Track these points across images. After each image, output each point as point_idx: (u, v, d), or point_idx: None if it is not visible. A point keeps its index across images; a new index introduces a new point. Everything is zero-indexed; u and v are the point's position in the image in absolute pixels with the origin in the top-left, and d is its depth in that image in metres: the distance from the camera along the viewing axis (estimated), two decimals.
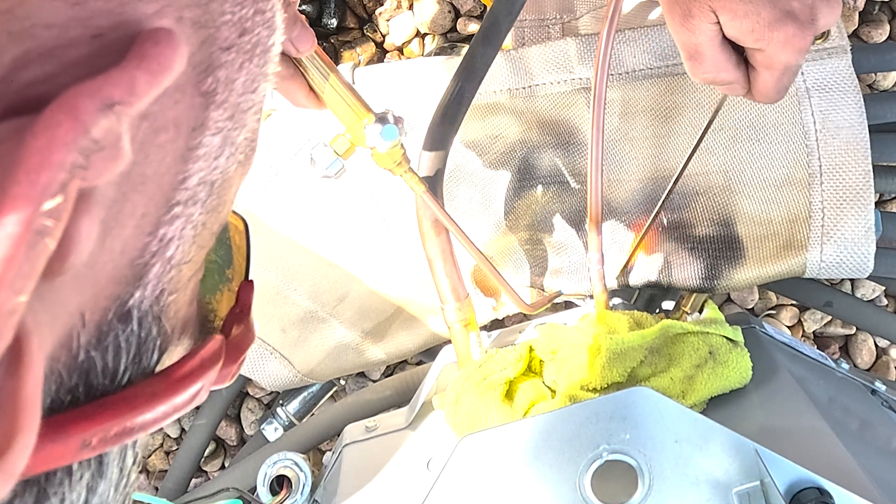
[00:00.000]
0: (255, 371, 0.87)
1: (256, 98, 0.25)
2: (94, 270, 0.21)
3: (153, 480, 1.12)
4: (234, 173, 0.26)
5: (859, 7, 0.99)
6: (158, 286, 0.24)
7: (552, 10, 0.87)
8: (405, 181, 0.63)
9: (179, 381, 0.24)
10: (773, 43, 0.54)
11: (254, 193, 0.82)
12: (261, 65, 0.25)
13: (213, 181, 0.24)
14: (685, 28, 0.55)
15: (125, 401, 0.22)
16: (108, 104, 0.18)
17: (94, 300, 0.22)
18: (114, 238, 0.21)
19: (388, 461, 0.66)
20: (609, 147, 0.78)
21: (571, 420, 0.52)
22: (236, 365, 0.28)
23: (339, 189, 0.82)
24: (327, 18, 1.05)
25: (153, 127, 0.21)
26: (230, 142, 0.24)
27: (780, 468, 0.49)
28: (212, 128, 0.23)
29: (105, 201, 0.20)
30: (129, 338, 0.23)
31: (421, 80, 0.80)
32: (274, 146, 0.81)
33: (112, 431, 0.21)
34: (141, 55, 0.19)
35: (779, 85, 0.57)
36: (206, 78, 0.23)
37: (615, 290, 0.81)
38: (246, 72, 0.24)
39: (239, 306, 0.31)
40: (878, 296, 1.04)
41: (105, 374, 0.22)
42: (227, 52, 0.23)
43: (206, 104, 0.23)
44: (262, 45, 0.25)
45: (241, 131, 0.25)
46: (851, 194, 0.74)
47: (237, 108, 0.24)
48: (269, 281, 0.84)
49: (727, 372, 0.63)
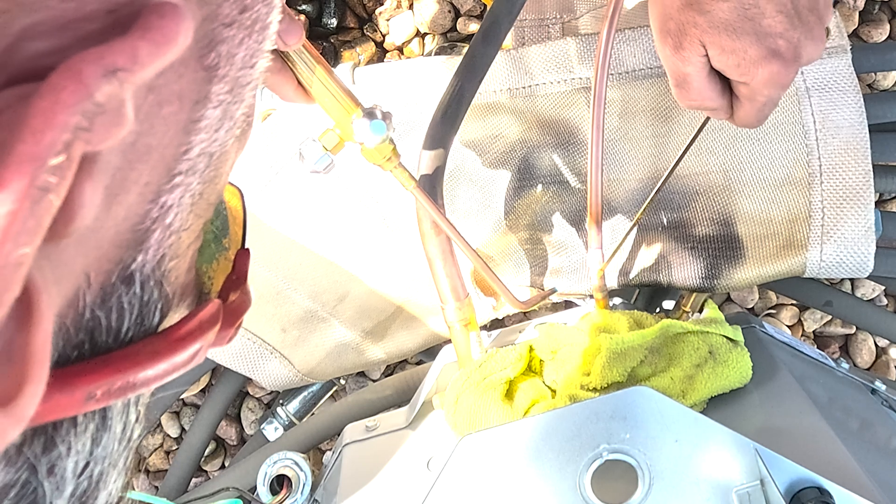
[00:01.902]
0: (255, 371, 0.87)
1: (254, 73, 0.26)
2: (99, 234, 0.22)
3: (153, 480, 1.12)
4: (232, 147, 0.27)
5: (859, 7, 0.99)
6: (159, 251, 0.25)
7: (552, 9, 0.87)
8: (395, 177, 0.63)
9: (179, 341, 0.25)
10: (758, 79, 0.56)
11: (254, 193, 0.82)
12: (259, 41, 0.26)
13: (213, 153, 0.26)
14: (675, 58, 0.57)
15: (128, 357, 0.24)
16: (112, 70, 0.19)
17: (98, 262, 0.23)
18: (118, 204, 0.22)
19: (388, 461, 0.66)
20: (609, 147, 0.78)
21: (571, 420, 0.52)
22: (233, 329, 0.30)
23: (339, 189, 0.82)
24: (327, 18, 1.05)
25: (158, 99, 0.22)
26: (229, 115, 0.26)
27: (780, 468, 0.49)
28: (213, 101, 0.25)
29: (109, 168, 0.21)
30: (132, 300, 0.24)
31: (421, 80, 0.80)
32: (274, 146, 0.81)
33: (115, 385, 0.23)
34: (146, 27, 0.20)
35: (759, 115, 0.60)
36: (209, 52, 0.24)
37: (615, 290, 0.81)
38: (245, 47, 0.25)
39: (235, 273, 0.33)
40: (878, 295, 1.04)
41: (109, 332, 0.24)
42: (228, 27, 0.25)
43: (209, 78, 0.24)
44: (262, 22, 0.26)
45: (239, 105, 0.26)
46: (851, 194, 0.74)
47: (237, 82, 0.25)
48: (269, 281, 0.84)
49: (727, 371, 0.63)
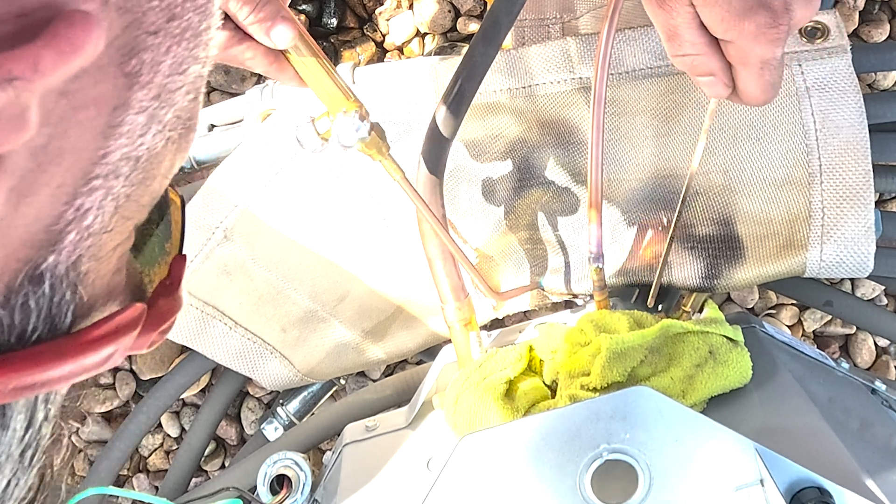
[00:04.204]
0: (255, 371, 0.87)
1: (186, 79, 0.27)
2: (5, 233, 0.23)
3: (153, 480, 1.12)
4: (165, 149, 0.27)
5: (859, 7, 0.99)
6: (75, 252, 0.25)
7: (552, 9, 0.87)
8: (384, 167, 0.64)
9: (89, 343, 0.26)
10: (744, 34, 0.52)
11: (254, 193, 0.82)
12: (190, 48, 0.26)
13: (139, 156, 0.26)
14: (662, 10, 0.54)
15: (29, 357, 0.24)
16: (8, 79, 0.19)
17: (3, 261, 0.23)
18: (27, 205, 0.23)
19: (388, 461, 0.66)
20: (609, 146, 0.78)
21: (571, 420, 0.52)
22: (156, 333, 0.30)
23: (339, 189, 0.82)
24: (327, 18, 1.05)
25: (72, 104, 0.23)
26: (157, 120, 0.26)
27: (780, 468, 0.49)
28: (135, 107, 0.25)
29: (16, 170, 0.21)
30: (40, 300, 0.24)
31: (421, 80, 0.80)
32: (274, 146, 0.81)
33: (11, 385, 0.23)
34: (53, 34, 0.20)
35: (760, 82, 0.55)
36: (129, 60, 0.24)
37: (615, 289, 0.81)
38: (173, 55, 0.26)
39: (170, 278, 0.33)
40: (878, 295, 1.04)
41: (12, 331, 0.24)
42: (154, 35, 0.25)
43: (130, 84, 0.24)
44: (193, 30, 0.26)
45: (168, 110, 0.26)
46: (851, 194, 0.74)
47: (164, 88, 0.26)
48: (269, 281, 0.84)
49: (727, 371, 0.63)
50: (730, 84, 0.57)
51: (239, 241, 0.83)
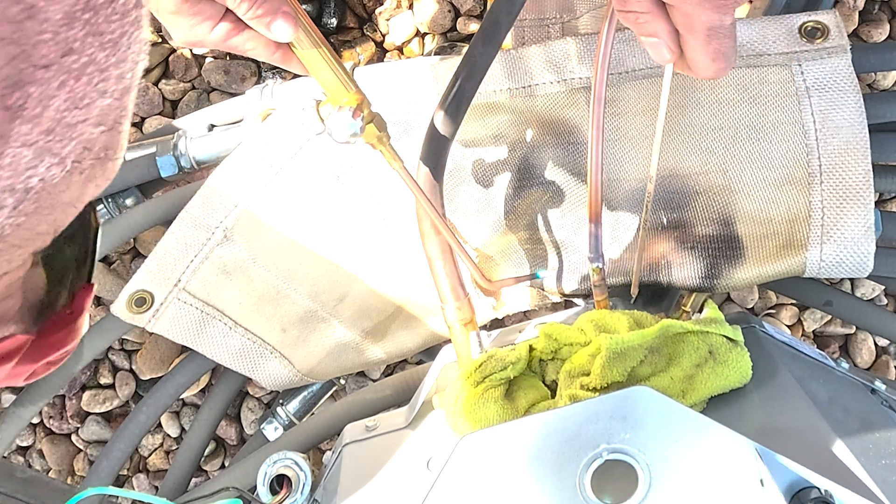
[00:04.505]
0: (255, 371, 0.87)
1: (90, 112, 0.26)
2: None
3: (153, 480, 1.12)
4: (68, 181, 0.26)
5: (859, 7, 0.99)
6: None
7: (552, 9, 0.87)
8: (383, 155, 0.64)
9: None
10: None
11: (254, 193, 0.82)
12: (94, 83, 0.26)
13: (28, 188, 0.25)
14: None
15: None
16: None
17: None
18: None
19: (388, 461, 0.66)
20: (609, 146, 0.78)
21: (571, 420, 0.52)
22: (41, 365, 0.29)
23: (339, 189, 0.82)
24: (327, 18, 1.05)
25: None
26: (52, 153, 0.25)
27: (780, 468, 0.49)
28: (18, 140, 0.24)
29: None
30: None
31: (421, 79, 0.80)
32: (274, 146, 0.81)
33: None
34: None
35: (708, 50, 0.52)
36: (12, 93, 0.24)
37: (615, 289, 0.81)
38: (69, 89, 0.25)
39: (71, 308, 0.32)
40: (878, 295, 1.04)
41: None
42: (45, 69, 0.24)
43: (12, 118, 0.24)
44: (97, 65, 0.25)
45: (67, 143, 0.26)
46: (851, 194, 0.74)
47: (59, 122, 0.25)
48: (268, 281, 0.84)
49: (727, 371, 0.63)
50: (675, 50, 0.53)
51: (239, 240, 0.83)
